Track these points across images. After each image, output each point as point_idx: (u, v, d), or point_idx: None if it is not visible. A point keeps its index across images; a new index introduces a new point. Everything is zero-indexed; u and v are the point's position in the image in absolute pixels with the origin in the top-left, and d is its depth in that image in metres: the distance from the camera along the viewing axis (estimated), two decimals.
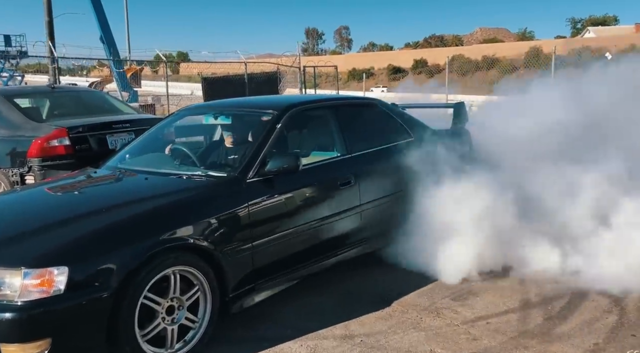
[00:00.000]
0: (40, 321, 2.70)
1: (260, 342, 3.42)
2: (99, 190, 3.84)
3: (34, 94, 7.12)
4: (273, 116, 4.06)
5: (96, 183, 3.90)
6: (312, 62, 18.55)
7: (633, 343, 3.30)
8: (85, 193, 3.81)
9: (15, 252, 2.86)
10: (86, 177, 4.06)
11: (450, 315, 3.77)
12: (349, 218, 4.19)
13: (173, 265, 3.13)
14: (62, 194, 3.78)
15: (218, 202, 3.47)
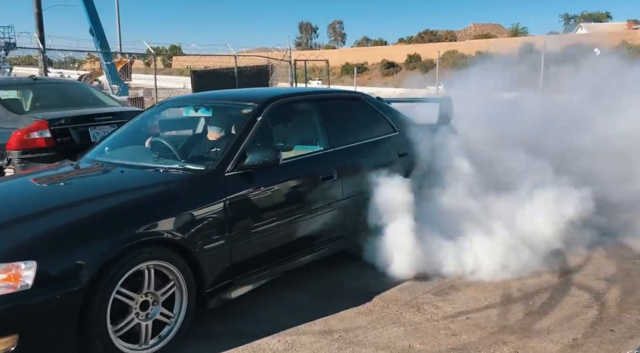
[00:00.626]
0: (6, 317, 2.64)
1: (237, 338, 3.38)
2: (73, 183, 3.77)
3: (16, 85, 7.03)
4: (253, 109, 4.00)
5: (71, 177, 3.83)
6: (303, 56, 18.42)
7: (611, 339, 3.28)
8: (59, 186, 3.74)
9: None
10: (62, 169, 3.99)
11: (430, 310, 3.74)
12: (331, 213, 4.15)
13: (147, 259, 3.07)
14: (36, 186, 3.71)
15: (195, 196, 3.41)
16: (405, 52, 64.81)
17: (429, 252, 4.14)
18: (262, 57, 16.58)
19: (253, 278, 3.69)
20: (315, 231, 4.06)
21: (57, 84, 7.67)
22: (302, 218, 3.94)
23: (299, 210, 3.92)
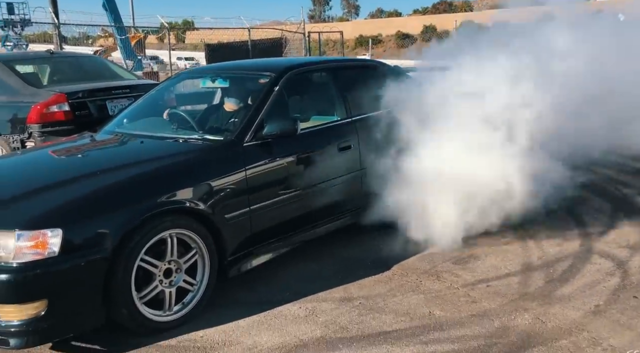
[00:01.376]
0: (36, 283, 2.69)
1: (258, 305, 3.42)
2: (95, 153, 3.80)
3: (33, 60, 7.04)
4: (270, 78, 3.98)
5: (92, 148, 3.86)
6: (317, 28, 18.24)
7: (634, 305, 3.27)
8: (81, 156, 3.77)
9: (9, 214, 2.85)
10: (82, 141, 4.02)
11: (450, 278, 3.75)
12: (349, 183, 4.14)
13: (170, 228, 3.10)
14: (57, 158, 3.74)
15: (215, 165, 3.42)
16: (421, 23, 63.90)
17: (451, 220, 4.12)
18: (276, 29, 16.43)
19: (272, 248, 3.71)
20: (333, 201, 4.06)
21: (74, 58, 7.67)
22: (319, 188, 3.94)
23: (316, 180, 3.91)
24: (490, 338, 2.99)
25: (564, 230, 4.47)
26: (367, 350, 2.91)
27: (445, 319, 3.21)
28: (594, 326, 3.07)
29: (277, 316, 3.30)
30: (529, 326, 3.09)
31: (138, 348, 2.97)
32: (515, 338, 2.98)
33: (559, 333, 3.01)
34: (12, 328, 2.70)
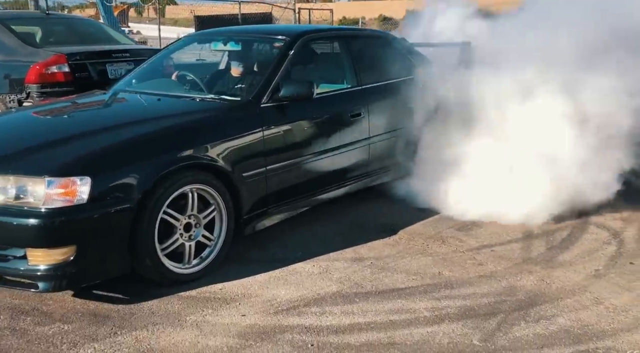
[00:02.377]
0: (64, 228, 2.72)
1: (273, 263, 3.51)
2: (116, 108, 3.81)
3: (30, 19, 6.89)
4: (285, 42, 4.01)
5: (111, 102, 3.85)
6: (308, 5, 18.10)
7: (632, 270, 3.44)
8: (102, 110, 3.78)
9: (38, 161, 2.86)
10: (98, 96, 4.02)
11: (455, 243, 3.88)
12: (358, 149, 4.23)
13: (191, 183, 3.15)
14: (77, 111, 3.75)
15: (234, 124, 3.46)
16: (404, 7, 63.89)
17: (454, 190, 4.25)
18: (266, 4, 16.30)
19: (285, 209, 3.79)
20: (344, 167, 4.15)
21: (70, 19, 7.56)
22: (330, 153, 4.01)
23: (328, 144, 3.99)
24: (499, 296, 3.13)
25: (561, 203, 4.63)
26: (383, 304, 3.02)
27: (454, 279, 3.34)
28: (595, 287, 3.24)
29: (292, 273, 3.39)
30: (535, 286, 3.25)
31: (160, 298, 3.03)
32: (523, 296, 3.13)
33: (563, 293, 3.17)
34: (41, 271, 2.74)
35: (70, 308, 2.92)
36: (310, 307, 2.99)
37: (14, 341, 2.62)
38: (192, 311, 2.92)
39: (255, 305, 2.99)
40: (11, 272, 2.78)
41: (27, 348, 2.57)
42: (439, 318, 2.88)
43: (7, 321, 2.79)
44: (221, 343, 2.64)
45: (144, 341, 2.64)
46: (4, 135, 3.33)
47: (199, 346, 2.61)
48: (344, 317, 2.90)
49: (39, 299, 3.00)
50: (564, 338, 2.71)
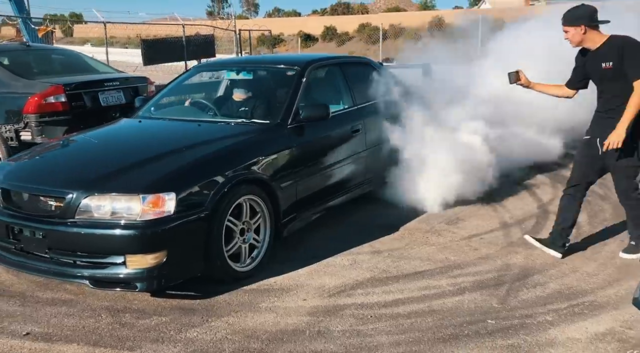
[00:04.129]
0: (157, 237, 3.24)
1: (308, 260, 4.12)
2: (166, 133, 4.28)
3: (13, 51, 7.13)
4: (297, 71, 4.66)
5: (157, 129, 4.35)
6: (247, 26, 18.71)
7: (591, 246, 4.34)
8: (155, 136, 4.26)
9: (131, 181, 3.36)
10: (135, 123, 4.49)
11: (449, 234, 4.65)
12: (359, 160, 4.93)
13: (245, 194, 3.73)
14: (134, 137, 4.23)
15: (270, 143, 4.08)
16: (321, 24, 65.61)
17: (443, 187, 5.04)
18: (208, 26, 16.73)
19: (309, 213, 4.42)
20: (349, 175, 4.83)
21: (50, 50, 7.81)
22: (340, 164, 4.68)
23: (338, 157, 4.66)
24: (499, 271, 3.91)
25: (522, 198, 5.56)
26: (412, 284, 3.72)
27: (459, 262, 4.10)
28: (569, 260, 4.09)
29: (327, 266, 4.03)
30: (524, 263, 4.06)
31: (229, 292, 3.58)
32: (517, 270, 3.93)
33: (547, 266, 4.00)
34: (139, 274, 3.23)
35: (157, 305, 3.41)
36: (355, 290, 3.64)
37: (127, 332, 3.10)
38: (261, 300, 3.49)
39: (310, 292, 3.61)
40: (112, 277, 3.25)
41: (141, 336, 3.06)
42: (461, 290, 3.62)
43: (110, 318, 3.26)
44: (297, 321, 3.24)
45: (234, 324, 3.19)
46: (83, 159, 3.77)
47: (281, 324, 3.20)
48: (386, 295, 3.57)
49: (125, 300, 3.47)
50: (558, 297, 3.51)
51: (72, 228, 3.27)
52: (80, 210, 3.28)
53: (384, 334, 3.08)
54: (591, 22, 3.78)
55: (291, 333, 3.09)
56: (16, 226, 3.47)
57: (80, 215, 3.28)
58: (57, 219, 3.32)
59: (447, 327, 3.15)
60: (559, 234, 4.14)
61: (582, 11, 3.81)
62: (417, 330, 3.12)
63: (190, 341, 3.01)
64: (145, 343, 2.98)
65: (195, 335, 3.08)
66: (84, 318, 3.26)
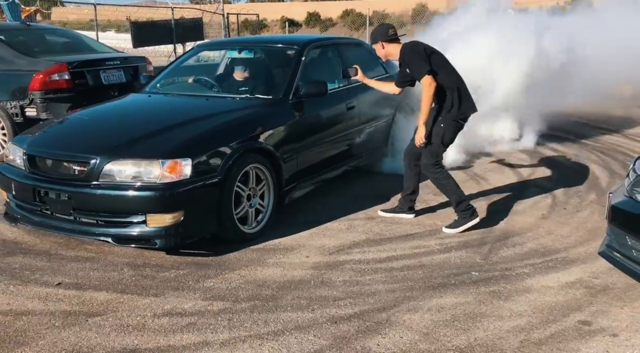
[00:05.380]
0: (175, 198, 3.57)
1: (308, 225, 4.47)
2: (177, 106, 4.58)
3: (15, 31, 7.31)
4: (297, 50, 4.98)
5: (172, 101, 4.67)
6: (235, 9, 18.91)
7: (565, 213, 4.76)
8: (169, 107, 4.55)
9: (151, 148, 3.67)
10: (154, 97, 4.79)
11: (436, 204, 5.03)
12: (354, 134, 5.28)
13: (251, 163, 4.06)
14: (147, 108, 4.53)
15: (274, 116, 4.40)
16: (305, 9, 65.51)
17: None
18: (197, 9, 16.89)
19: (308, 183, 4.76)
20: (345, 148, 5.18)
21: (50, 30, 8.00)
22: (337, 138, 5.03)
23: (334, 131, 5.01)
24: (482, 234, 4.31)
25: (503, 172, 5.98)
26: (404, 244, 4.11)
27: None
28: (545, 224, 4.51)
29: (326, 229, 4.39)
30: (505, 227, 4.46)
31: (238, 251, 3.92)
32: (498, 233, 4.33)
33: (525, 229, 4.41)
34: (158, 232, 3.56)
35: (174, 261, 3.75)
36: (353, 249, 4.01)
37: (149, 282, 3.44)
38: (268, 257, 3.85)
39: (312, 250, 3.97)
40: (134, 235, 3.58)
41: (162, 285, 3.40)
42: (447, 249, 4.01)
43: (132, 272, 3.59)
44: (302, 273, 3.60)
45: (246, 276, 3.55)
46: (103, 128, 4.08)
47: (288, 276, 3.56)
48: (380, 252, 3.95)
49: (144, 257, 3.81)
50: (534, 254, 3.92)
51: (96, 190, 3.59)
52: (104, 173, 3.59)
53: (380, 283, 3.46)
54: (385, 37, 4.40)
55: (298, 283, 3.45)
56: (42, 189, 3.77)
57: (104, 178, 3.59)
58: (82, 182, 3.63)
59: (436, 278, 3.54)
60: (404, 200, 4.68)
61: (377, 30, 4.51)
62: (410, 280, 3.51)
63: (207, 289, 3.36)
64: (168, 291, 3.32)
65: (212, 284, 3.42)
66: (108, 272, 3.59)
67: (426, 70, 4.11)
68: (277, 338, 2.83)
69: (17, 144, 4.04)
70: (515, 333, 2.89)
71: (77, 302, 3.18)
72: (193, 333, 2.86)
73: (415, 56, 4.20)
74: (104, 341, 2.78)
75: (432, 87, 4.12)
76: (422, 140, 4.25)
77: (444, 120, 4.25)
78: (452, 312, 3.10)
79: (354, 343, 2.79)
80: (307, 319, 3.02)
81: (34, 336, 2.82)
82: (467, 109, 4.32)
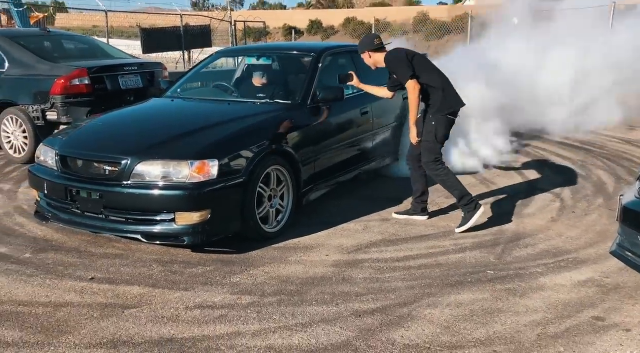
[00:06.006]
0: (202, 197, 3.72)
1: (325, 225, 4.62)
2: (201, 110, 4.75)
3: (36, 37, 7.49)
4: (314, 57, 5.15)
5: (196, 106, 4.83)
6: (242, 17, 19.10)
7: (575, 215, 4.90)
8: (193, 111, 4.73)
9: (180, 149, 3.83)
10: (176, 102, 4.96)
11: (446, 206, 5.18)
12: (367, 139, 5.44)
13: (273, 165, 4.22)
14: (172, 112, 4.70)
15: (294, 120, 4.56)
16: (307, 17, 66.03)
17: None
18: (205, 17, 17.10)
19: (324, 186, 4.92)
20: (359, 152, 5.34)
21: (69, 36, 8.19)
22: (351, 142, 5.19)
23: (349, 135, 5.17)
24: (495, 235, 4.46)
25: (511, 177, 6.13)
26: (420, 244, 4.25)
27: None
28: (555, 227, 4.65)
29: (343, 230, 4.54)
30: (516, 229, 4.61)
31: (260, 249, 4.07)
32: (511, 235, 4.47)
33: (536, 231, 4.55)
34: (187, 229, 3.71)
35: (200, 259, 3.90)
36: (370, 248, 4.16)
37: (178, 277, 3.59)
38: (290, 255, 4.00)
39: (331, 250, 4.11)
40: (163, 232, 3.73)
41: (191, 280, 3.55)
42: (462, 249, 4.15)
43: (161, 268, 3.74)
44: (324, 270, 3.74)
45: (270, 272, 3.69)
46: (132, 130, 4.24)
47: (310, 273, 3.70)
48: (397, 252, 4.09)
49: (171, 255, 3.95)
50: (546, 255, 4.06)
51: (127, 189, 3.74)
52: (135, 173, 3.74)
53: (399, 281, 3.60)
54: (371, 47, 4.61)
55: (320, 280, 3.60)
56: (74, 188, 3.92)
57: (135, 178, 3.75)
58: (114, 182, 3.79)
59: (452, 276, 3.68)
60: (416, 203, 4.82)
61: (364, 41, 4.72)
62: (428, 278, 3.65)
63: (235, 284, 3.51)
64: (197, 286, 3.47)
65: (238, 280, 3.57)
66: (138, 268, 3.74)
67: (409, 74, 4.36)
68: (305, 329, 2.98)
69: (49, 146, 4.20)
70: (532, 327, 3.03)
71: (111, 296, 3.33)
72: (225, 325, 3.01)
73: (399, 63, 4.45)
74: (141, 331, 2.93)
75: (417, 89, 4.38)
76: (416, 139, 4.53)
77: (434, 118, 4.46)
78: (470, 308, 3.24)
79: (378, 335, 2.93)
80: (332, 313, 3.17)
81: (76, 326, 2.97)
82: (455, 104, 4.53)
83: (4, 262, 3.82)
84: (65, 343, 2.80)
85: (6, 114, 6.75)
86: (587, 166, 6.68)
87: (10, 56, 6.82)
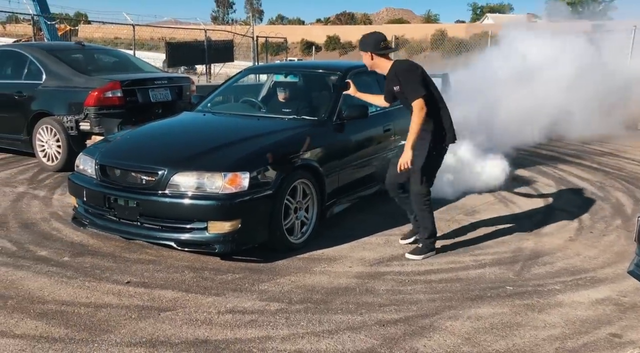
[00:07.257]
0: (234, 207, 3.90)
1: (347, 238, 4.77)
2: (232, 124, 4.96)
3: (72, 50, 7.79)
4: (339, 76, 5.34)
5: (226, 120, 5.04)
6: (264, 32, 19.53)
7: (593, 236, 5.01)
8: (224, 125, 4.94)
9: (215, 161, 4.03)
10: (199, 116, 5.17)
11: (467, 223, 5.31)
12: (391, 154, 5.59)
13: (299, 178, 4.39)
14: (204, 126, 4.92)
15: (320, 136, 4.75)
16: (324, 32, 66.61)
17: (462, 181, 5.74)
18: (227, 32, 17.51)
19: (347, 199, 5.08)
20: (382, 169, 5.47)
21: (102, 50, 8.50)
22: (372, 158, 5.36)
23: (373, 151, 5.34)
24: (514, 252, 4.57)
25: (530, 196, 6.24)
26: (440, 259, 4.38)
27: (479, 244, 4.75)
28: (573, 246, 4.76)
29: (365, 243, 4.69)
30: (535, 247, 4.72)
31: (285, 259, 4.23)
32: (529, 252, 4.59)
33: (554, 249, 4.66)
34: (218, 237, 3.89)
35: (229, 266, 4.07)
36: (392, 261, 4.30)
37: (210, 283, 3.76)
38: (314, 265, 4.15)
39: (354, 262, 4.26)
40: (196, 239, 3.91)
41: (222, 286, 3.71)
42: (482, 265, 4.28)
43: (193, 274, 3.91)
44: (347, 281, 3.89)
45: (297, 281, 3.85)
46: (167, 142, 4.45)
47: (334, 283, 3.85)
48: (418, 266, 4.23)
49: (201, 262, 4.13)
50: (564, 273, 4.17)
51: (163, 198, 3.94)
52: (171, 183, 3.94)
53: (421, 293, 3.74)
54: (375, 49, 4.25)
55: (344, 290, 3.75)
56: (112, 196, 4.12)
57: (170, 188, 3.95)
58: (150, 191, 3.99)
59: (472, 291, 3.81)
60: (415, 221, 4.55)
61: (368, 39, 4.31)
62: (448, 291, 3.78)
63: (263, 291, 3.67)
64: (228, 292, 3.64)
65: (266, 287, 3.73)
66: (171, 273, 3.92)
67: (422, 94, 4.04)
68: (332, 336, 3.12)
69: (89, 155, 4.42)
70: (551, 341, 3.14)
71: (147, 299, 3.51)
72: (256, 329, 3.16)
73: (413, 77, 4.12)
74: (177, 332, 3.10)
75: (424, 111, 4.04)
76: (407, 165, 4.12)
77: (435, 148, 4.22)
78: (490, 321, 3.37)
79: (402, 343, 3.07)
80: (357, 321, 3.31)
81: (115, 325, 3.15)
82: (452, 137, 4.32)
83: (45, 264, 4.03)
84: (107, 341, 2.98)
85: (42, 124, 7.01)
86: (604, 187, 6.78)
87: (47, 69, 7.11)
